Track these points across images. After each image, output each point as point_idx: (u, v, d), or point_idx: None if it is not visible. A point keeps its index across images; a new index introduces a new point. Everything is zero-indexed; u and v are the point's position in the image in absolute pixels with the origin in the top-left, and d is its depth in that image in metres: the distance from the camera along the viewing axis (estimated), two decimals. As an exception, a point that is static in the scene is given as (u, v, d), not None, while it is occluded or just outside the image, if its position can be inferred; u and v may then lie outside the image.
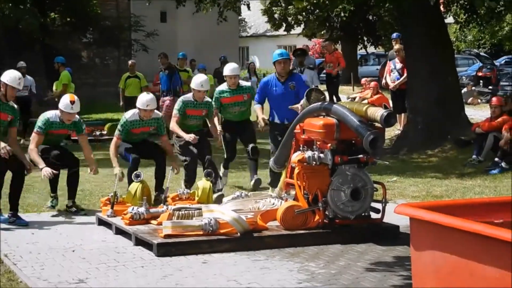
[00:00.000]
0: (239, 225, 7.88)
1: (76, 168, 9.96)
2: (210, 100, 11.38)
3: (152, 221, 8.46)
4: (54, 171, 9.37)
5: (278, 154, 9.36)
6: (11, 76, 9.39)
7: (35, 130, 9.76)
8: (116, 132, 10.34)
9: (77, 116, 10.04)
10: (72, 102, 9.58)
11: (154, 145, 10.69)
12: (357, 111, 8.17)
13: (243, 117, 11.71)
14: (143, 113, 10.13)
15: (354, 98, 20.02)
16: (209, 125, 11.43)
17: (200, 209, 8.30)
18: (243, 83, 12.01)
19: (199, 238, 7.79)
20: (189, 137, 10.38)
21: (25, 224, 9.13)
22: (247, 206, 8.68)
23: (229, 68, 11.49)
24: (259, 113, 10.96)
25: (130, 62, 22.68)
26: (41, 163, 9.30)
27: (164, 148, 10.55)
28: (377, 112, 8.03)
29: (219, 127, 11.14)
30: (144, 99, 10.22)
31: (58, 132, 10.03)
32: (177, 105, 11.00)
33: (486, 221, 4.12)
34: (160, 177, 10.35)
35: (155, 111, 10.47)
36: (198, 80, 11.00)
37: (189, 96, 11.10)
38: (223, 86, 11.63)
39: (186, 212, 8.20)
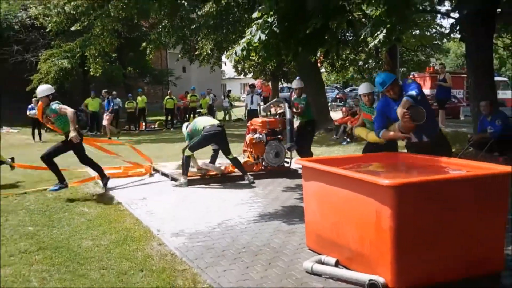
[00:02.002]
0: (220, 170, 7.87)
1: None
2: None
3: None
4: None
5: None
6: None
7: None
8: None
9: None
10: None
11: None
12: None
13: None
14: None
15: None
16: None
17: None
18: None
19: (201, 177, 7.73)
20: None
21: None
22: (224, 162, 8.64)
23: (295, 83, 8.51)
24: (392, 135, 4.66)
25: (169, 91, 22.21)
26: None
27: None
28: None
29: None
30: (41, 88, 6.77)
31: None
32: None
33: (341, 167, 4.15)
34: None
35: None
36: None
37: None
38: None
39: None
